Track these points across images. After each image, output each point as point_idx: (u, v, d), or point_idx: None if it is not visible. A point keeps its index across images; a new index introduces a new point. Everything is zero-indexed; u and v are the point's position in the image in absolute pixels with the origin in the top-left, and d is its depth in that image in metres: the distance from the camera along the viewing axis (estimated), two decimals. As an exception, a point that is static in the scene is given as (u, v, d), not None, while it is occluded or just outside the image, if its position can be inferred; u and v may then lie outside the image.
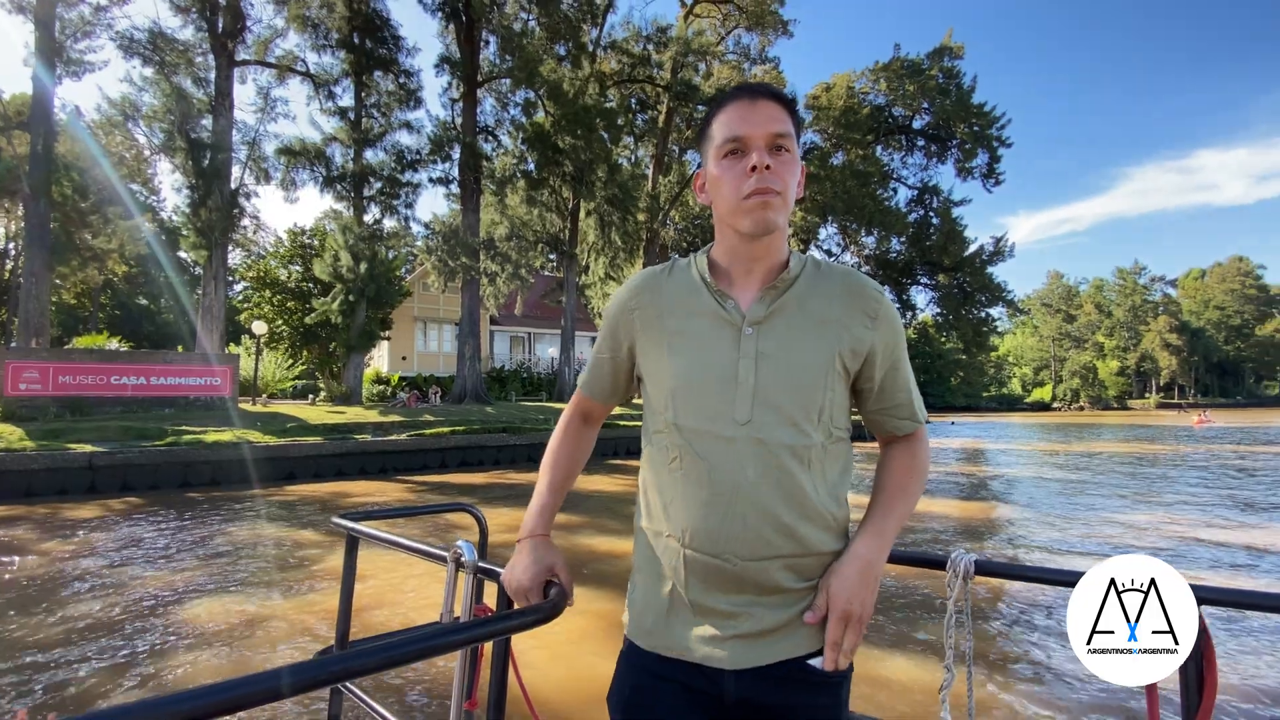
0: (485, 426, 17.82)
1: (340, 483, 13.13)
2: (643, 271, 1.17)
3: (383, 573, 6.23)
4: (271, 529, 8.45)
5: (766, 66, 31.14)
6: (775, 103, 1.02)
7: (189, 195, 17.84)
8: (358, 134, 21.15)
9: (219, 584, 5.89)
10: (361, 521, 1.49)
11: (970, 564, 1.18)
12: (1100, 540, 8.25)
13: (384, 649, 0.77)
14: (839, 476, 1.05)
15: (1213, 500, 11.52)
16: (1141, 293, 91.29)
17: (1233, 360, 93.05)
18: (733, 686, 0.98)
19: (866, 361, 1.05)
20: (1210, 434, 30.50)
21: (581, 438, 1.26)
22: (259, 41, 20.14)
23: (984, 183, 29.33)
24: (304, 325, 23.43)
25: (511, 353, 35.91)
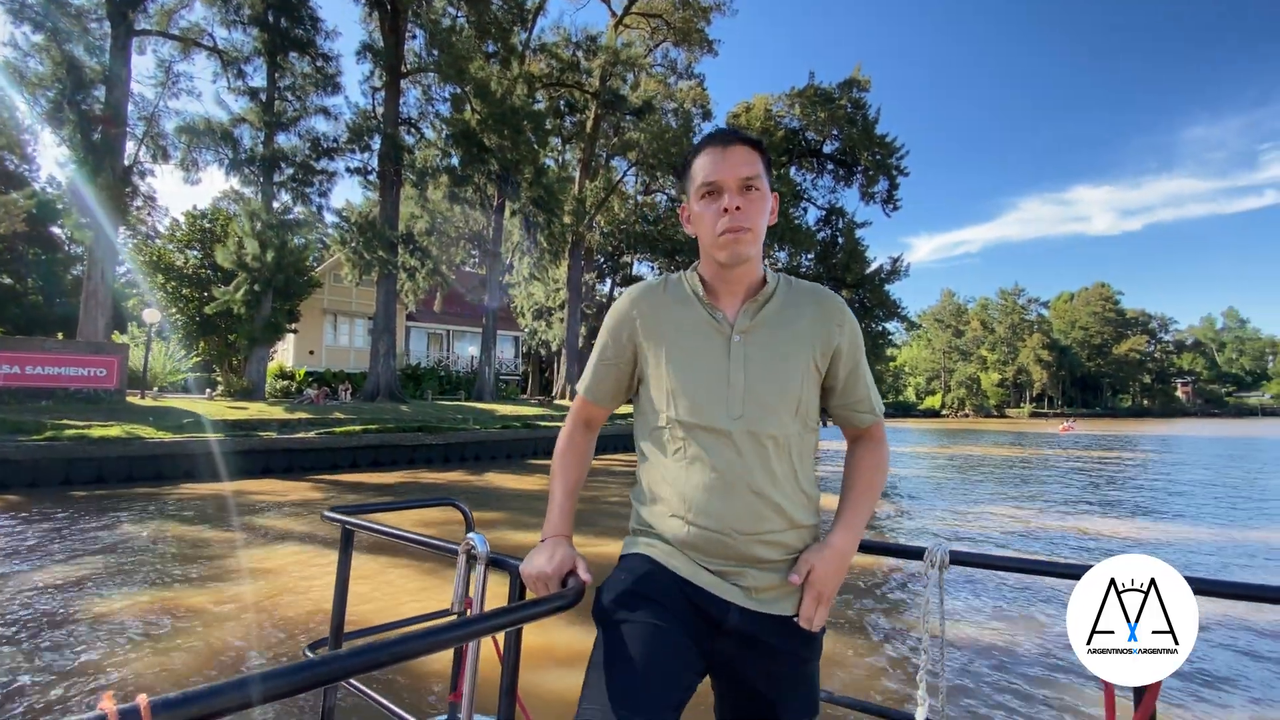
0: (400, 425, 17.52)
1: (243, 482, 12.66)
2: (639, 284, 1.30)
3: (327, 575, 6.34)
4: (172, 527, 8.20)
5: (692, 82, 32.30)
6: (746, 147, 1.17)
7: (75, 171, 16.47)
8: (269, 116, 20.20)
9: (133, 576, 5.80)
10: (357, 515, 1.53)
11: (946, 554, 1.24)
12: (980, 529, 9.49)
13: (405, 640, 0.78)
14: (811, 461, 1.21)
15: (1068, 495, 13.35)
16: (1020, 312, 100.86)
17: (1094, 375, 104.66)
18: (736, 619, 1.11)
19: (833, 362, 1.21)
20: (1071, 441, 34.54)
21: (585, 443, 1.35)
22: (161, 11, 18.86)
23: (884, 207, 31.89)
24: (202, 315, 22.03)
25: (429, 350, 35.07)
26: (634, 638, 1.07)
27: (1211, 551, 8.30)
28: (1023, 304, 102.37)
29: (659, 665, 1.04)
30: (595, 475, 15.68)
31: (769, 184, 1.20)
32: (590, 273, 40.20)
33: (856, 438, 1.28)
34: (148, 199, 20.14)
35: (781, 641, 1.12)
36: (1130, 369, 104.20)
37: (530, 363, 42.48)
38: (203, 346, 23.47)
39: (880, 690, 3.99)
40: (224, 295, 19.34)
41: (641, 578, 1.14)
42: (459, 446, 17.68)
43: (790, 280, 1.25)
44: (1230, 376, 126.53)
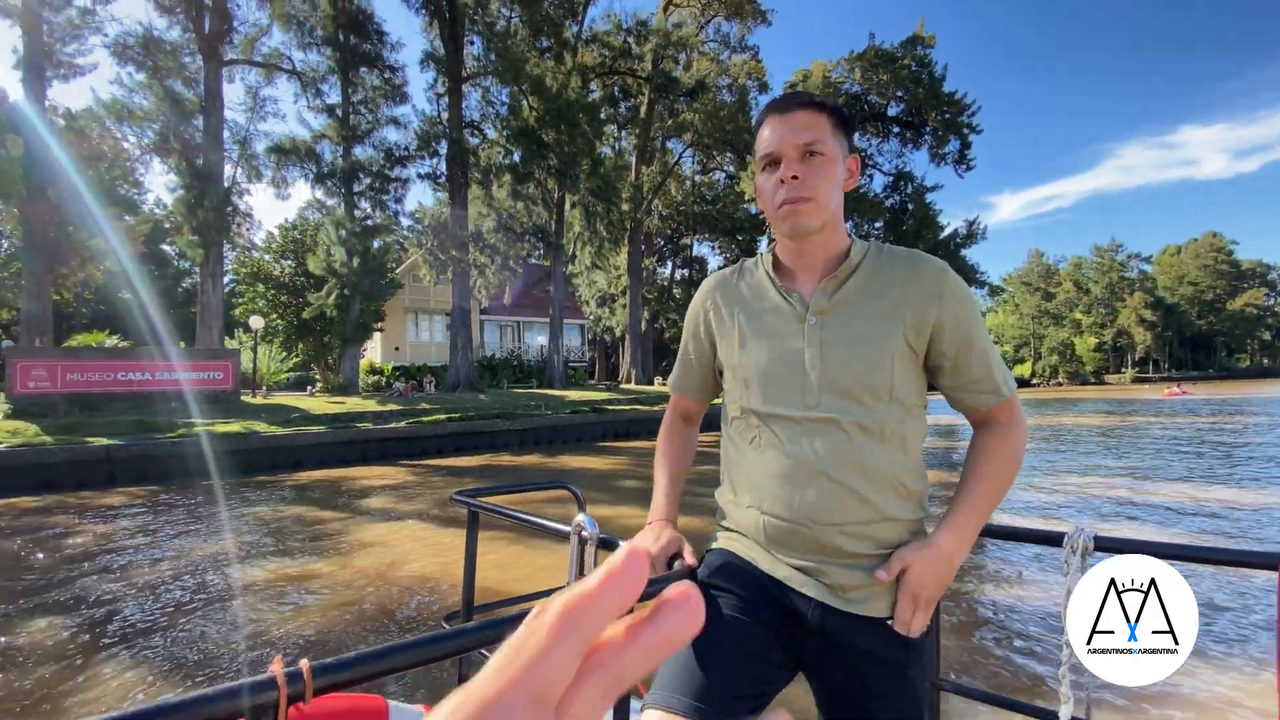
0: (479, 413, 18.60)
1: (345, 469, 13.91)
2: (713, 275, 1.28)
3: (452, 551, 7.08)
4: (292, 509, 9.27)
5: (746, 56, 31.72)
6: (808, 110, 1.08)
7: (184, 195, 18.30)
8: (346, 131, 21.58)
9: (265, 551, 6.72)
10: (479, 497, 1.61)
11: (1090, 540, 1.14)
12: (1073, 503, 9.27)
13: (519, 618, 1.01)
14: (914, 447, 1.09)
15: (1169, 463, 12.64)
16: (1118, 269, 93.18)
17: (1205, 334, 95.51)
18: (819, 617, 1.04)
19: (934, 338, 1.08)
20: (1179, 406, 32.01)
21: (683, 436, 1.35)
22: (245, 40, 20.48)
23: (955, 168, 30.33)
24: (299, 319, 23.98)
25: (501, 341, 36.56)
26: (709, 628, 1.03)
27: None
28: (1121, 260, 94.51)
29: (730, 656, 1.02)
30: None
31: (842, 146, 1.10)
32: (650, 257, 40.54)
33: (980, 422, 1.13)
34: (246, 216, 22.00)
35: (874, 645, 1.03)
36: (1247, 325, 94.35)
37: (596, 349, 43.45)
38: (301, 348, 25.54)
39: (1015, 685, 3.76)
40: (318, 300, 20.99)
41: (720, 570, 1.12)
42: (533, 431, 18.59)
43: (882, 248, 1.14)
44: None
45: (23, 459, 11.64)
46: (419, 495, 10.40)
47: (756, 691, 1.02)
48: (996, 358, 1.10)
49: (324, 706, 0.94)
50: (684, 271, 52.45)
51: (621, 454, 16.68)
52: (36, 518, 8.78)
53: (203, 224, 18.20)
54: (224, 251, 21.07)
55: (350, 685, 0.71)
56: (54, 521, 8.50)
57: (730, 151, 34.43)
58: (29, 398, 14.97)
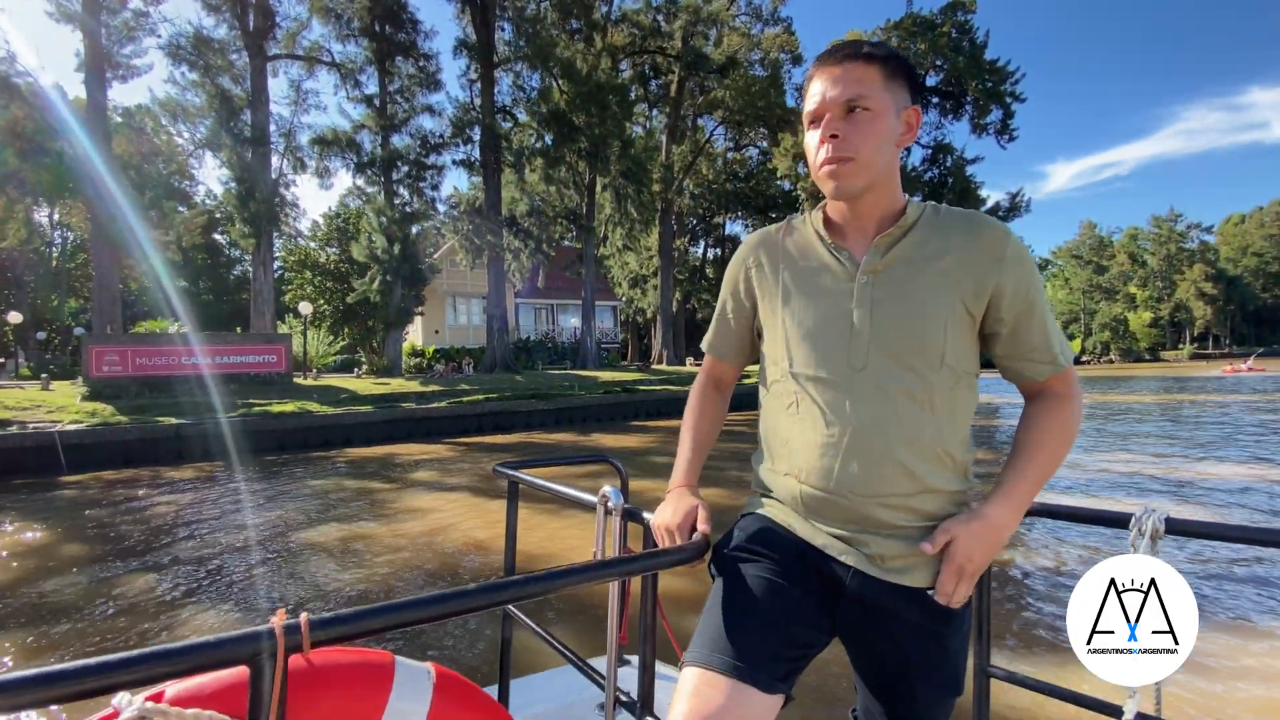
0: (516, 394, 19.25)
1: (391, 446, 14.69)
2: (759, 231, 1.21)
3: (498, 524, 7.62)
4: (346, 482, 9.98)
5: (778, 29, 31.16)
6: (855, 62, 1.02)
7: (236, 188, 19.26)
8: (384, 120, 22.24)
9: (324, 518, 7.36)
10: (519, 470, 1.67)
11: (1160, 522, 1.07)
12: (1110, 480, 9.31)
13: (548, 576, 0.88)
14: (962, 417, 1.04)
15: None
16: (1177, 240, 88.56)
17: (1271, 308, 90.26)
18: (857, 585, 1.02)
19: (992, 304, 1.02)
20: (1245, 383, 30.70)
21: (714, 403, 1.32)
22: (287, 34, 21.22)
23: (998, 139, 29.33)
24: (344, 304, 25.02)
25: (536, 324, 37.29)
26: (745, 588, 1.05)
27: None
28: (1181, 230, 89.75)
29: (767, 617, 1.01)
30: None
31: (896, 98, 1.04)
32: (681, 237, 40.52)
33: (1035, 393, 1.09)
34: (293, 206, 22.96)
35: (913, 614, 1.01)
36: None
37: (628, 330, 43.87)
38: (347, 331, 26.66)
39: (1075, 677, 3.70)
40: (362, 286, 21.89)
41: (756, 534, 1.11)
42: (567, 411, 19.15)
43: (940, 209, 1.08)
44: None
45: (103, 436, 12.71)
46: (461, 470, 11.01)
47: (795, 654, 1.01)
48: (1055, 326, 1.06)
49: (329, 659, 0.98)
50: (716, 251, 52.23)
51: (652, 432, 17.10)
52: (123, 489, 9.68)
53: (254, 215, 19.15)
54: (273, 240, 22.10)
55: (350, 640, 0.73)
56: (137, 493, 9.37)
57: (763, 127, 34.01)
58: (104, 380, 16.19)
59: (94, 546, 6.36)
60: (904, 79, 1.05)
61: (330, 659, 0.99)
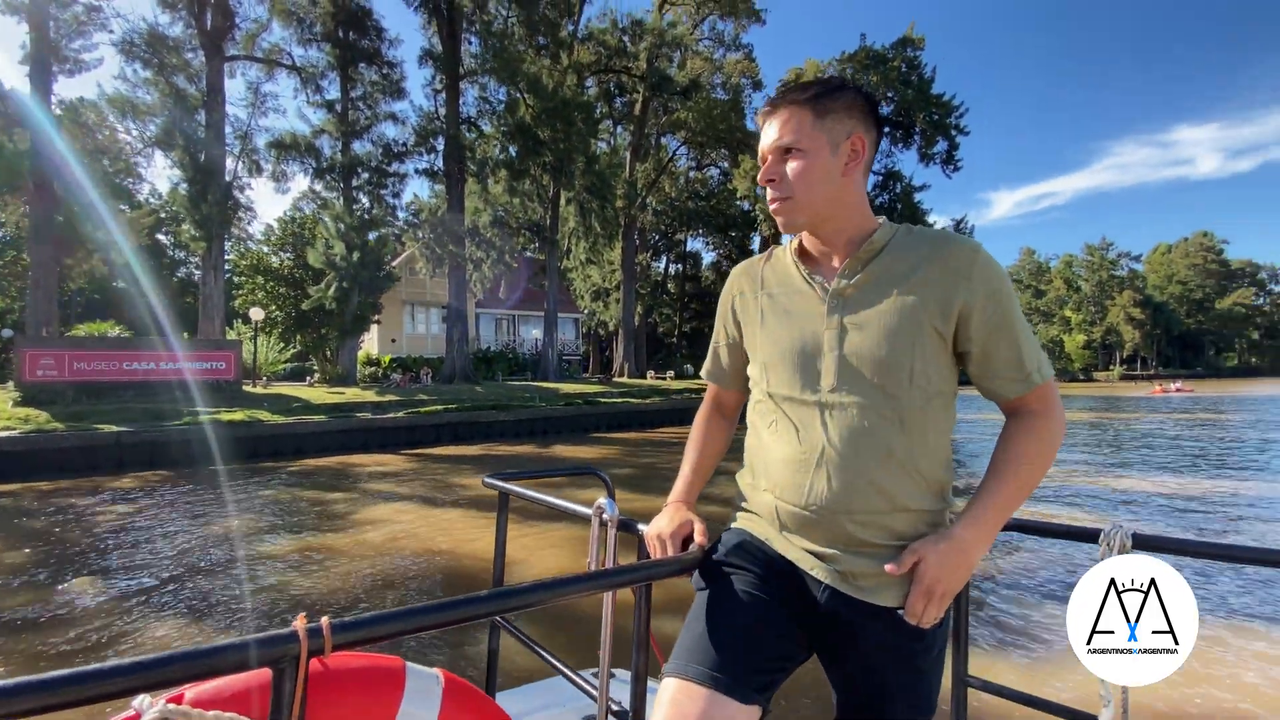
0: (476, 405, 19.17)
1: (346, 456, 14.46)
2: (744, 262, 1.28)
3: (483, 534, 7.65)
4: (300, 492, 9.84)
5: (739, 55, 32.17)
6: (786, 108, 1.08)
7: (188, 189, 18.73)
8: (345, 126, 22.00)
9: (281, 527, 7.29)
10: (510, 481, 1.67)
11: (1128, 537, 1.09)
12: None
13: (553, 584, 0.88)
14: (935, 435, 1.05)
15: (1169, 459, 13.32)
16: (1108, 268, 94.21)
17: (1193, 333, 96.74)
18: (829, 601, 1.04)
19: (961, 322, 1.03)
20: (1172, 403, 32.87)
21: (717, 427, 1.36)
22: (246, 36, 20.86)
23: (944, 168, 30.93)
24: (298, 311, 24.45)
25: (497, 334, 37.07)
26: (725, 602, 1.07)
27: None
28: (1112, 259, 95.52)
29: (746, 630, 1.04)
30: (638, 447, 16.75)
31: (830, 133, 1.07)
32: (644, 252, 41.04)
33: (1012, 411, 1.08)
34: (247, 209, 22.42)
35: (884, 634, 1.02)
36: (1236, 324, 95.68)
37: (590, 343, 44.01)
38: (299, 339, 26.02)
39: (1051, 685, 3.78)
40: (317, 293, 21.47)
41: (736, 548, 1.13)
42: (528, 422, 19.18)
43: (912, 230, 1.10)
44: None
45: (36, 444, 12.15)
46: (419, 480, 10.98)
47: (773, 667, 1.03)
48: (1030, 342, 1.04)
49: (343, 663, 1.00)
50: (678, 267, 53.00)
51: (612, 444, 17.29)
52: (60, 499, 9.32)
53: (205, 217, 18.65)
54: (224, 243, 21.50)
55: (368, 643, 0.75)
56: (74, 503, 9.04)
57: (724, 148, 34.92)
58: (38, 385, 15.43)
59: (32, 558, 6.18)
60: (842, 110, 1.08)
61: (345, 663, 1.01)
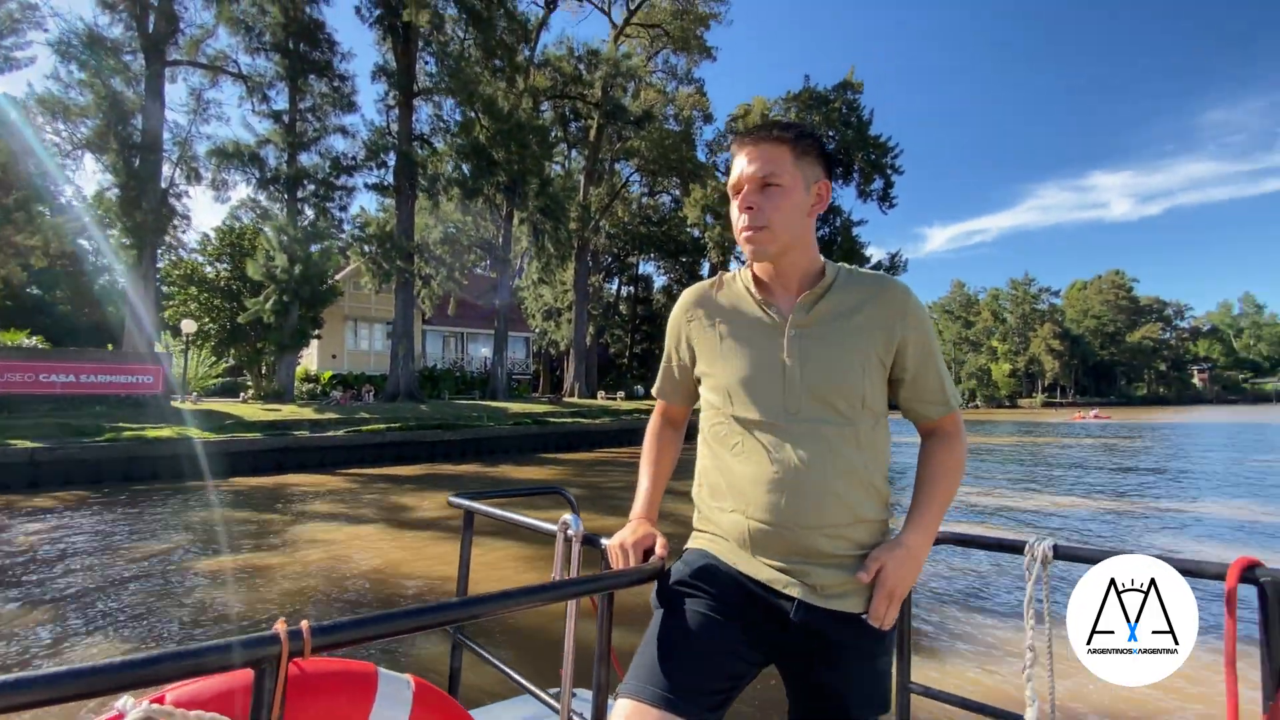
0: (420, 424, 18.85)
1: (281, 476, 14.00)
2: (693, 287, 1.32)
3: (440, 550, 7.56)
4: (234, 512, 9.52)
5: (691, 88, 33.33)
6: (768, 143, 1.15)
7: (120, 195, 17.95)
8: (292, 137, 21.56)
9: (212, 550, 7.08)
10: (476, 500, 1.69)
11: (1049, 548, 1.18)
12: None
13: (519, 593, 0.91)
14: (882, 453, 1.16)
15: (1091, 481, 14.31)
16: (1031, 301, 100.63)
17: (1107, 364, 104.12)
18: (800, 615, 1.10)
19: (899, 354, 1.16)
20: (1091, 429, 35.31)
21: (668, 439, 1.42)
22: (190, 41, 20.29)
23: (880, 205, 32.83)
24: (233, 323, 23.53)
25: (444, 352, 36.50)
26: (682, 623, 1.11)
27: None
28: (1034, 293, 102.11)
29: (700, 651, 1.07)
30: (591, 466, 16.89)
31: (806, 173, 1.16)
32: (597, 274, 41.43)
33: (929, 432, 1.23)
34: (182, 218, 21.58)
35: (849, 638, 1.10)
36: (1145, 356, 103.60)
37: (541, 362, 43.84)
38: (233, 353, 25.00)
39: (984, 688, 3.94)
40: (255, 305, 20.76)
41: (699, 570, 1.17)
42: (474, 442, 18.98)
43: (852, 271, 1.22)
44: (1248, 363, 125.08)
45: (-65, 461, 11.31)
46: (359, 500, 10.78)
47: (725, 685, 1.08)
48: (947, 374, 1.21)
49: (318, 667, 1.03)
50: (630, 289, 53.62)
51: (562, 465, 17.33)
52: (-37, 519, 8.73)
53: (138, 225, 17.88)
54: (157, 252, 20.59)
55: (346, 646, 0.77)
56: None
57: (676, 177, 35.89)
58: (-61, 398, 14.37)
59: (-59, 579, 5.84)
60: (815, 155, 1.18)
61: (320, 668, 1.04)
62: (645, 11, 31.32)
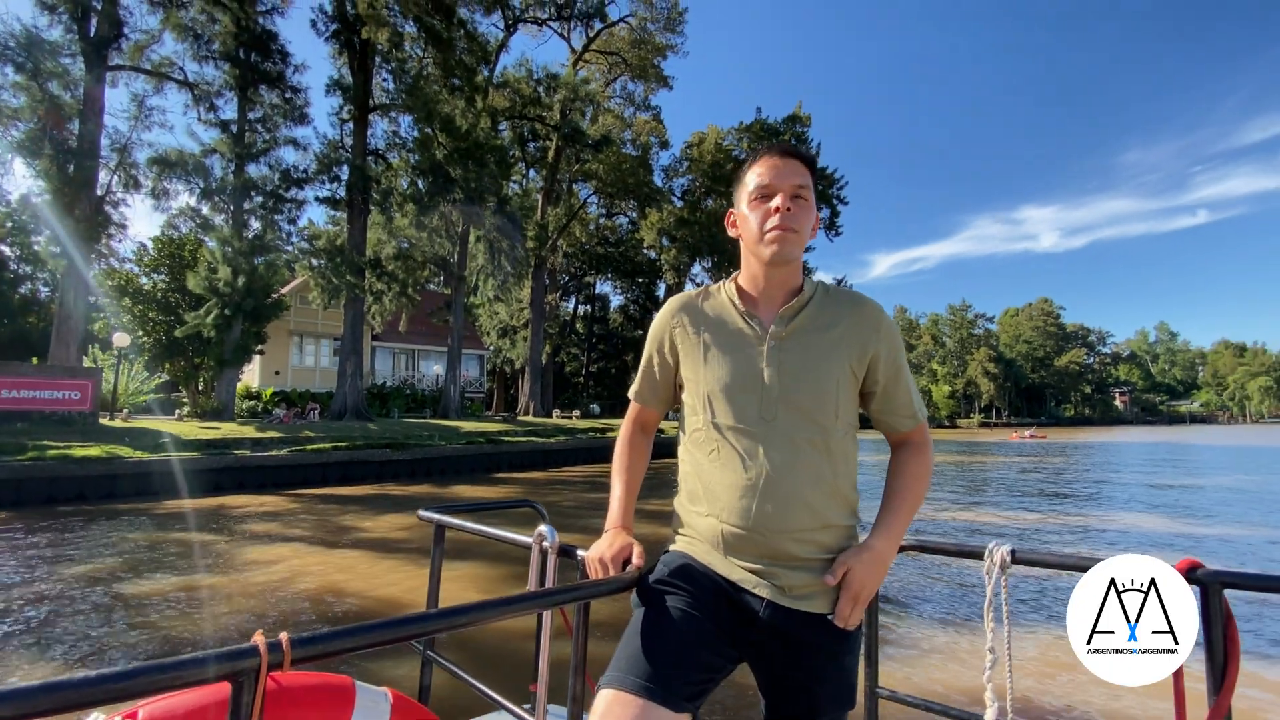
0: (368, 443, 18.41)
1: (221, 497, 13.47)
2: (679, 295, 1.36)
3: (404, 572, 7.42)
4: (170, 534, 9.15)
5: (648, 115, 34.15)
6: (799, 161, 1.24)
7: (52, 201, 17.12)
8: (240, 148, 21.03)
9: (150, 571, 6.82)
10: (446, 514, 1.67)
11: (1007, 553, 1.21)
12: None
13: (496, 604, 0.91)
14: (852, 462, 1.22)
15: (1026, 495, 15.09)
16: (968, 326, 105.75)
17: (1037, 386, 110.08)
18: (769, 615, 1.14)
19: (871, 368, 1.23)
20: (1027, 448, 37.21)
21: (640, 446, 1.43)
22: (134, 46, 19.66)
23: (826, 233, 34.24)
24: (169, 337, 22.54)
25: (394, 369, 35.73)
26: (661, 618, 1.14)
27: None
28: (970, 319, 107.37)
29: (679, 644, 1.11)
30: (543, 485, 16.88)
31: (814, 198, 1.26)
32: (554, 293, 41.49)
33: (899, 443, 1.30)
34: (119, 227, 20.68)
35: (815, 637, 1.14)
36: (1071, 379, 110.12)
37: (495, 380, 43.37)
38: (168, 368, 23.90)
39: (945, 690, 4.04)
40: (195, 319, 19.99)
41: (677, 570, 1.21)
42: (426, 462, 18.65)
43: (828, 288, 1.29)
44: (1164, 386, 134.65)
45: None
46: (304, 521, 10.51)
47: (702, 677, 1.11)
48: (915, 388, 1.28)
49: (297, 681, 1.02)
50: (587, 308, 53.81)
51: (517, 484, 17.23)
52: None
53: (71, 234, 17.06)
54: (90, 262, 19.62)
55: (325, 658, 0.75)
56: (-112, 548, 7.93)
57: (633, 199, 36.52)
58: None
59: None
60: (816, 188, 1.29)
61: (298, 681, 1.04)
62: (604, 39, 32.07)
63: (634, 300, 52.67)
